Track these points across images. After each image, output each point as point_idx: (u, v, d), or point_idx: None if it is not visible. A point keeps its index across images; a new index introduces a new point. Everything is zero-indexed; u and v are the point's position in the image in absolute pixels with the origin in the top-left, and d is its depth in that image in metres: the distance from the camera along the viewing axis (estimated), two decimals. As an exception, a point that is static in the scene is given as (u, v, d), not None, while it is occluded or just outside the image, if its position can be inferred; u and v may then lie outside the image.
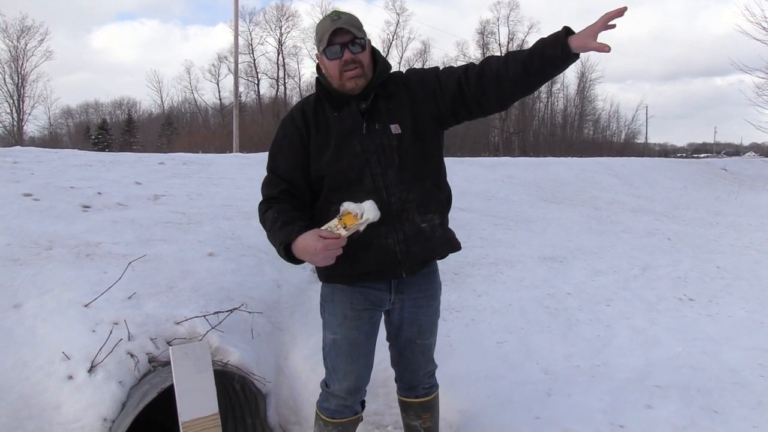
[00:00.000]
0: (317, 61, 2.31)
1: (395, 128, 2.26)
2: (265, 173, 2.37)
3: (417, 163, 2.28)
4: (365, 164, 2.22)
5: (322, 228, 2.09)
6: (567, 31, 2.07)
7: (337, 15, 2.20)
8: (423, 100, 2.30)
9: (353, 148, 2.22)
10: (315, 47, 2.30)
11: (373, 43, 2.30)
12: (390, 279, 2.34)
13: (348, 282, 2.32)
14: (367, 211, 2.07)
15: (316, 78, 2.34)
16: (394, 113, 2.28)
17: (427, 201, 2.31)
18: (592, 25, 2.02)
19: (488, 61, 2.23)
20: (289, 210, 2.21)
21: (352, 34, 2.17)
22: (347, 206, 2.10)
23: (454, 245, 2.48)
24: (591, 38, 2.01)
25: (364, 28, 2.27)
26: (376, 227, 2.15)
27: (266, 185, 2.32)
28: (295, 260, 2.13)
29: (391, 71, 2.35)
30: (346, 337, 2.36)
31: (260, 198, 2.34)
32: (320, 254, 2.02)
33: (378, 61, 2.30)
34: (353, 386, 2.42)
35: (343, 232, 2.05)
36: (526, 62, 2.11)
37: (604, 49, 2.01)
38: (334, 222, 2.10)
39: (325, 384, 2.49)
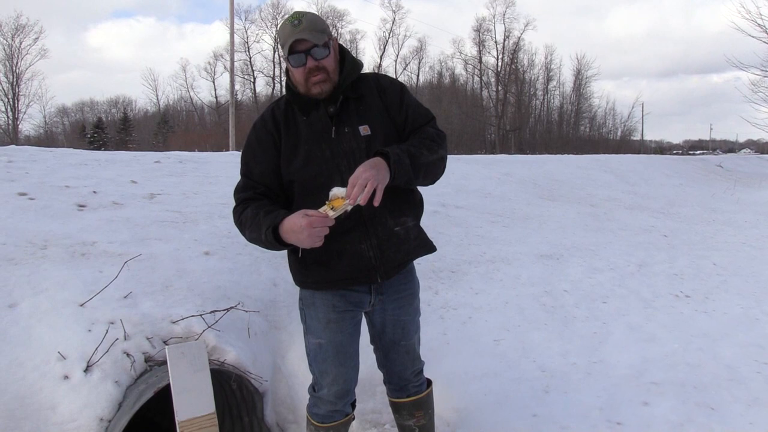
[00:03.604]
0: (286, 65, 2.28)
1: (365, 129, 2.23)
2: None
3: None
4: (335, 169, 2.18)
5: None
6: None
7: (297, 19, 2.13)
8: (395, 111, 2.30)
9: (323, 152, 2.20)
10: (281, 51, 2.25)
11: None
12: (367, 284, 2.30)
13: (324, 288, 2.29)
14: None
15: (286, 81, 2.31)
16: (364, 115, 2.25)
17: (399, 204, 2.27)
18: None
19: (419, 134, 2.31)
20: (268, 204, 2.19)
21: (311, 41, 2.12)
22: (336, 191, 2.07)
23: (428, 247, 2.42)
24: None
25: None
26: (349, 233, 2.16)
27: (241, 190, 2.29)
28: (282, 245, 2.08)
29: (363, 71, 2.31)
30: (331, 341, 2.33)
31: (235, 204, 2.30)
32: (305, 231, 1.96)
33: (346, 61, 2.26)
34: (342, 390, 2.40)
35: (331, 213, 2.02)
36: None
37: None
38: (323, 208, 2.06)
39: (312, 389, 2.47)
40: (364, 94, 2.28)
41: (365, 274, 2.25)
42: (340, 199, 2.05)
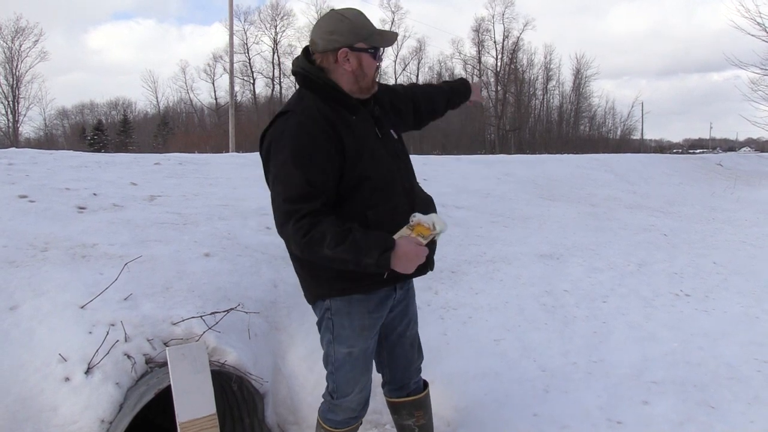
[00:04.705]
0: (338, 58, 2.14)
1: (395, 133, 2.37)
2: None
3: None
4: (395, 167, 2.25)
5: (396, 236, 2.08)
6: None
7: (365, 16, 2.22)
8: (402, 100, 2.54)
9: (380, 150, 2.22)
10: (344, 39, 2.12)
11: None
12: (417, 277, 2.35)
13: (376, 288, 2.23)
14: (437, 223, 2.13)
15: (307, 76, 2.18)
16: (388, 119, 2.38)
17: (431, 199, 2.43)
18: (475, 87, 2.91)
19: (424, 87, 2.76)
20: (341, 221, 2.04)
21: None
22: (419, 217, 2.14)
23: None
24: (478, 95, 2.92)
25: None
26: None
27: (301, 199, 2.02)
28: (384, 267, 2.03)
29: None
30: (362, 349, 2.31)
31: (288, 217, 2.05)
32: (418, 260, 2.05)
33: None
34: (365, 397, 2.41)
35: (423, 242, 2.10)
36: (449, 97, 2.78)
37: (481, 101, 3.02)
38: (406, 231, 2.11)
39: (330, 396, 2.41)
40: (381, 101, 2.38)
41: (421, 267, 2.23)
42: (425, 227, 2.13)
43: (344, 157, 2.10)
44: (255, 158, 8.98)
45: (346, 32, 2.12)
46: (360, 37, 2.13)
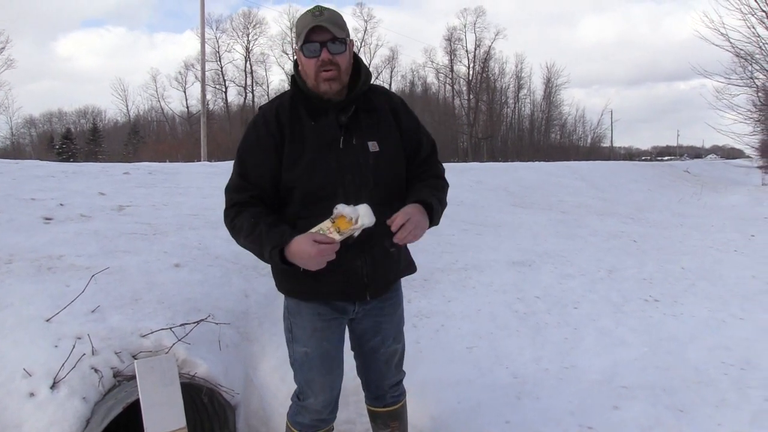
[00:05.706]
0: (295, 57, 2.19)
1: (373, 145, 2.16)
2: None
3: (389, 185, 2.21)
4: (339, 181, 2.11)
5: (312, 230, 2.00)
6: None
7: (318, 10, 2.08)
8: (411, 135, 2.29)
9: (328, 163, 2.11)
10: (294, 42, 2.23)
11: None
12: (355, 300, 2.28)
13: (311, 299, 2.24)
14: (363, 216, 1.97)
15: (293, 77, 2.21)
16: (374, 129, 2.19)
17: None
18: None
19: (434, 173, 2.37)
20: (265, 213, 2.10)
21: (332, 32, 2.05)
22: (342, 209, 1.99)
23: (412, 268, 2.44)
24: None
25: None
26: (345, 249, 2.05)
27: (234, 190, 2.18)
28: (285, 263, 2.03)
29: (373, 83, 2.28)
30: (317, 349, 2.29)
31: (225, 205, 2.21)
32: (315, 259, 1.96)
33: (361, 70, 2.20)
34: (329, 399, 2.37)
35: (337, 237, 1.96)
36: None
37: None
38: (327, 224, 2.00)
39: (297, 398, 2.41)
40: (376, 108, 2.23)
41: (356, 291, 2.22)
42: (347, 221, 1.98)
43: (281, 162, 2.15)
44: (226, 167, 8.90)
45: (295, 33, 2.17)
46: (296, 37, 2.15)
